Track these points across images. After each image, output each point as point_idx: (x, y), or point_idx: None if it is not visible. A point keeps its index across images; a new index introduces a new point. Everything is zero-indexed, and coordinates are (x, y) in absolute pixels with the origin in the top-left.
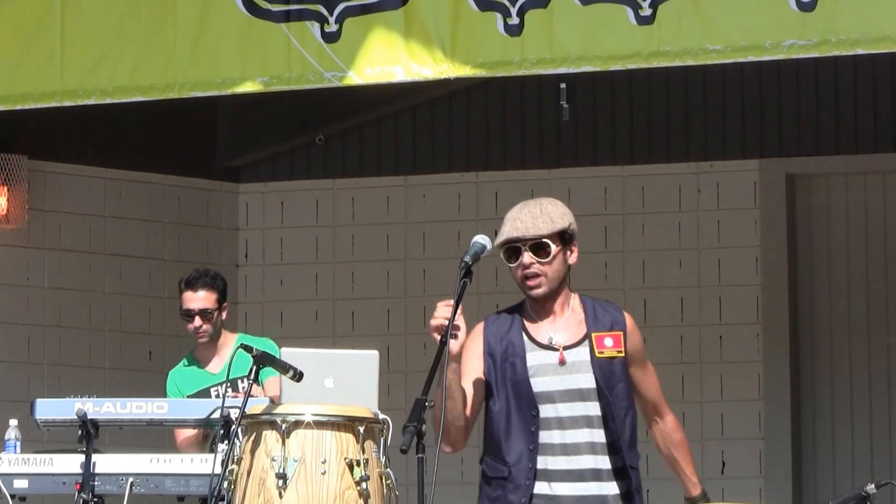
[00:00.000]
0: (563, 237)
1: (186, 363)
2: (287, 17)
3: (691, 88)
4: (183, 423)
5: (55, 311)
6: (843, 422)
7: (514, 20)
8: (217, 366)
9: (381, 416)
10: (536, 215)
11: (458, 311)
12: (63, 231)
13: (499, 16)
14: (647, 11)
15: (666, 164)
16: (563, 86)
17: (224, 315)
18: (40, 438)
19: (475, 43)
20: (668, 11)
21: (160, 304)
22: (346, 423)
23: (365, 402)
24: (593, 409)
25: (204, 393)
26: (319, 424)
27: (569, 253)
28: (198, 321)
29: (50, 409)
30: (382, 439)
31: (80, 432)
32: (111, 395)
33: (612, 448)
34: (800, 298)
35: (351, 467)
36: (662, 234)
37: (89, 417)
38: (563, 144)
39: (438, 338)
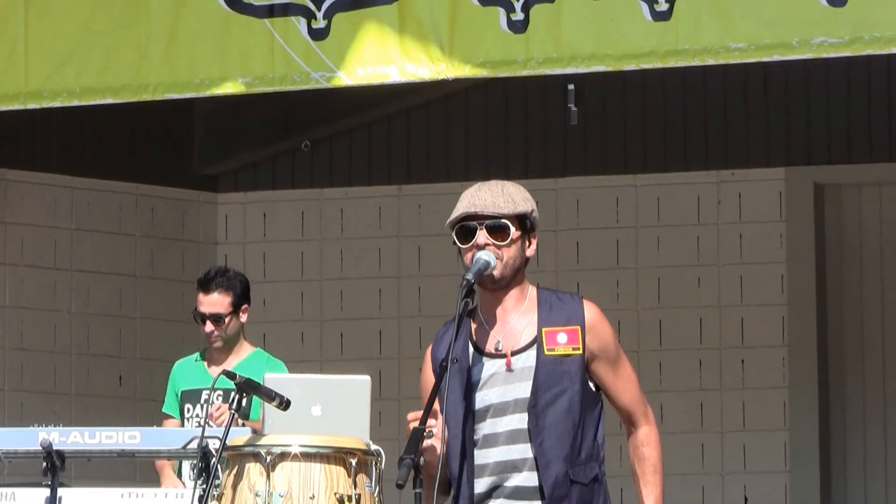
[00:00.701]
0: (524, 223)
1: (197, 358)
2: (271, 11)
3: (711, 90)
4: (157, 455)
5: (17, 332)
6: (877, 459)
7: (519, 15)
8: (220, 367)
9: (374, 447)
10: (497, 194)
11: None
12: (25, 245)
13: (501, 11)
14: (663, 6)
15: (683, 173)
16: (571, 87)
17: (244, 318)
18: (0, 471)
19: (475, 40)
20: (687, 6)
21: (131, 324)
22: (337, 455)
23: (356, 432)
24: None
25: (195, 394)
26: (307, 456)
27: (527, 243)
28: (209, 326)
29: (11, 438)
30: (376, 472)
31: (44, 464)
32: (78, 424)
33: (542, 463)
34: (829, 319)
35: (342, 503)
36: (679, 249)
37: (54, 448)
38: (570, 151)
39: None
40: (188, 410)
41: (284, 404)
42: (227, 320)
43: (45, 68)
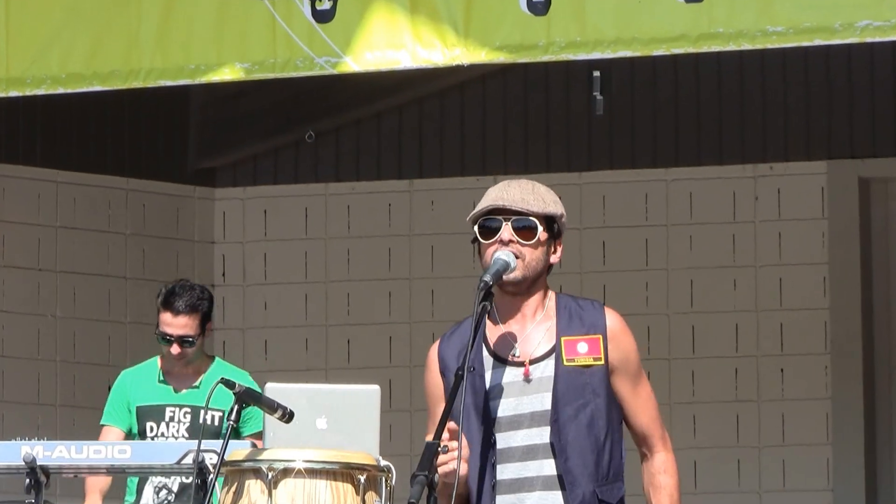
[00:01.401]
0: (552, 226)
1: (148, 370)
2: None
3: (748, 77)
4: (149, 470)
5: None
6: None
7: None
8: (183, 386)
9: (384, 463)
10: (527, 191)
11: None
12: (6, 244)
13: None
14: None
15: (718, 167)
16: (596, 74)
17: (208, 335)
18: None
19: (493, 23)
20: None
21: (121, 330)
22: (344, 472)
23: (364, 447)
24: (547, 434)
25: (157, 410)
26: (312, 473)
27: (553, 249)
28: (176, 348)
29: None
30: (386, 490)
31: (27, 481)
32: (64, 437)
33: (567, 482)
34: (875, 324)
35: None
36: (713, 248)
37: (39, 463)
38: (595, 144)
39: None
40: (151, 429)
41: (287, 416)
42: (196, 341)
43: (28, 53)
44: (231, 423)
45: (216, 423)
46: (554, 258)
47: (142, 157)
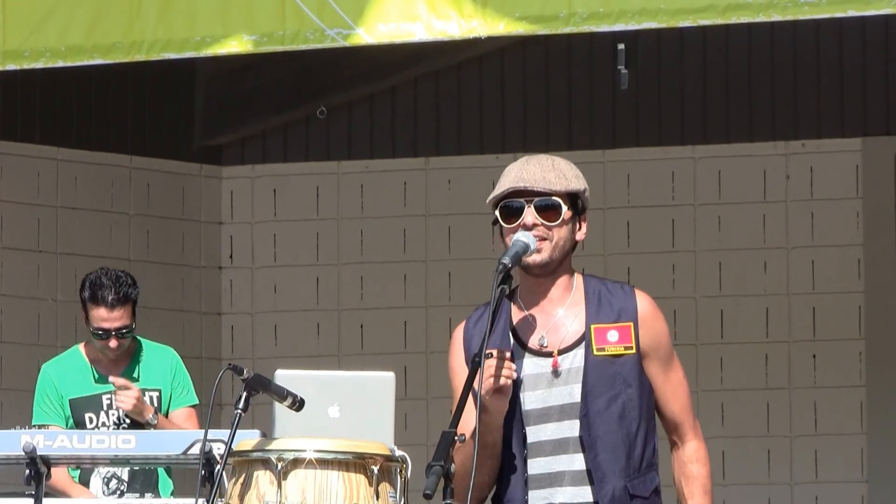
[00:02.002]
0: (575, 203)
1: (73, 360)
2: None
3: (779, 50)
4: (154, 460)
5: None
6: None
7: None
8: (115, 370)
9: (399, 453)
10: (547, 168)
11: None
12: (5, 225)
13: None
14: None
15: (747, 144)
16: (620, 47)
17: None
18: None
19: None
20: None
21: None
22: (357, 462)
23: (378, 436)
24: (577, 427)
25: (93, 400)
26: (323, 463)
27: (577, 226)
28: (114, 342)
29: None
30: (401, 481)
31: (27, 471)
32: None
33: (597, 478)
34: None
35: None
36: (743, 229)
37: (39, 453)
38: (620, 120)
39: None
40: (90, 420)
41: (298, 404)
42: (132, 328)
43: (26, 25)
44: (239, 411)
45: (155, 403)
46: (579, 235)
47: (146, 134)
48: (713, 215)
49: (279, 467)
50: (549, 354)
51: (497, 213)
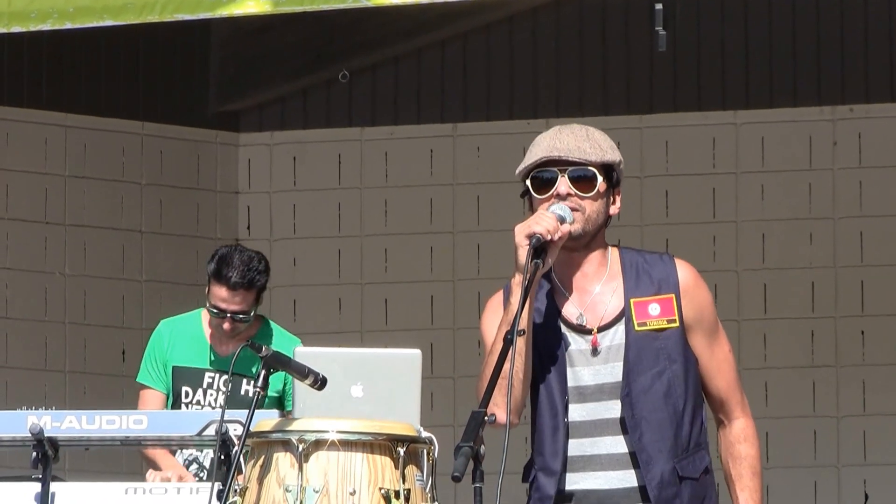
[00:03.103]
0: (610, 175)
1: (191, 324)
2: None
3: (825, 9)
4: (167, 443)
5: (1, 297)
6: None
7: None
8: (228, 349)
9: (426, 434)
10: (581, 137)
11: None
12: (11, 195)
13: None
14: None
15: (792, 109)
16: (658, 7)
17: (260, 302)
18: None
19: None
20: None
21: (136, 289)
22: (381, 444)
23: (404, 416)
24: (618, 408)
25: (195, 374)
26: (346, 445)
27: (612, 199)
28: (228, 325)
29: None
30: (428, 463)
31: (34, 454)
32: (74, 407)
33: (643, 461)
34: None
35: (388, 500)
36: (787, 198)
37: (46, 435)
38: (658, 83)
39: (525, 249)
40: (186, 395)
41: (319, 383)
42: (251, 314)
43: None
44: (258, 389)
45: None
46: (613, 209)
47: (158, 99)
48: (756, 184)
49: (300, 449)
50: (589, 332)
51: (528, 183)
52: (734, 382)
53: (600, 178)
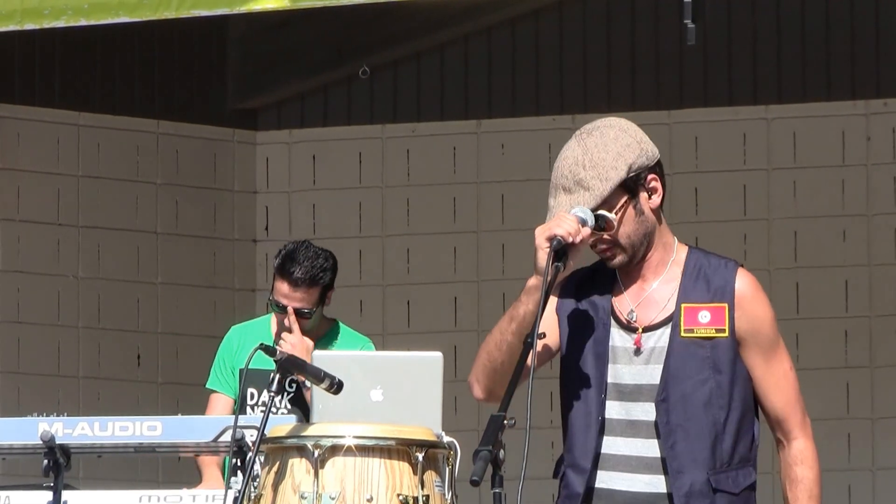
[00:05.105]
0: (627, 186)
1: (260, 328)
2: None
3: (859, 2)
4: (183, 449)
5: (12, 301)
6: None
7: None
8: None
9: (447, 439)
10: (574, 184)
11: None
12: (23, 196)
13: None
14: None
15: (825, 103)
16: None
17: (328, 302)
18: None
19: None
20: None
21: (151, 292)
22: (400, 449)
23: (425, 421)
24: (652, 412)
25: (261, 376)
26: (364, 450)
27: (643, 198)
28: (289, 321)
29: (6, 431)
30: (448, 469)
31: (45, 462)
32: (87, 413)
33: (672, 469)
34: None
35: None
36: (820, 195)
37: (58, 442)
38: (687, 78)
39: (545, 252)
40: (251, 397)
41: (336, 386)
42: (315, 312)
43: None
44: (272, 394)
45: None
46: (653, 203)
47: (174, 97)
48: (788, 180)
49: (316, 454)
50: (635, 330)
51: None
52: (793, 402)
53: (613, 214)
